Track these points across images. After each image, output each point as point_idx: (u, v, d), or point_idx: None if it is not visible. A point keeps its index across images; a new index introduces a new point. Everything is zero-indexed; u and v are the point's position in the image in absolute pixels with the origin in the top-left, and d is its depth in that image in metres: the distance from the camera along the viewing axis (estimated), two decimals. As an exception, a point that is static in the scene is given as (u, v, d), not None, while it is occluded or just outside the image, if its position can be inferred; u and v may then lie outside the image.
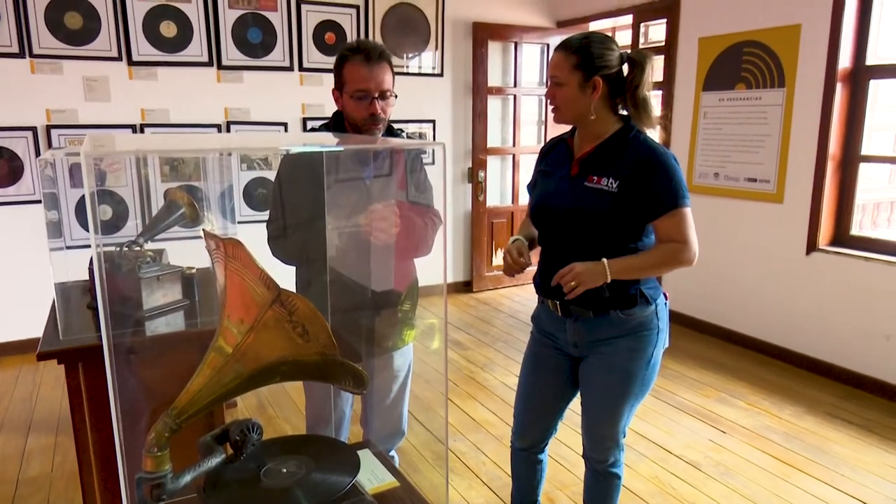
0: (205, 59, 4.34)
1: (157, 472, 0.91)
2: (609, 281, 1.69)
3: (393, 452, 2.26)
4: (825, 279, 3.75)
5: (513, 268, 1.82)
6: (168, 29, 4.21)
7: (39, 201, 3.92)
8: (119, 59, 4.11)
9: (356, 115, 1.83)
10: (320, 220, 1.71)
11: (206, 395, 0.95)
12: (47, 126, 4.00)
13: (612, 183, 1.70)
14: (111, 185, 4.06)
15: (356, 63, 1.79)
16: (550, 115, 5.48)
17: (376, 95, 1.80)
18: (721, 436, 3.08)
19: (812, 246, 3.80)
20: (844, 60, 3.59)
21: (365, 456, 1.33)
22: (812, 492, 2.62)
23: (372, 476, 1.28)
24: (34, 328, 2.15)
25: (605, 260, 1.69)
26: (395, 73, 1.87)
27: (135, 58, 4.14)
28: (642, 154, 1.70)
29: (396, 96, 1.87)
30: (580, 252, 1.73)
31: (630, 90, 1.73)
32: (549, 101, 1.78)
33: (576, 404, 2.02)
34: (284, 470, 1.06)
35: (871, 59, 3.59)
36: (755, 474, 2.75)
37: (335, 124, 1.95)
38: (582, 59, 1.67)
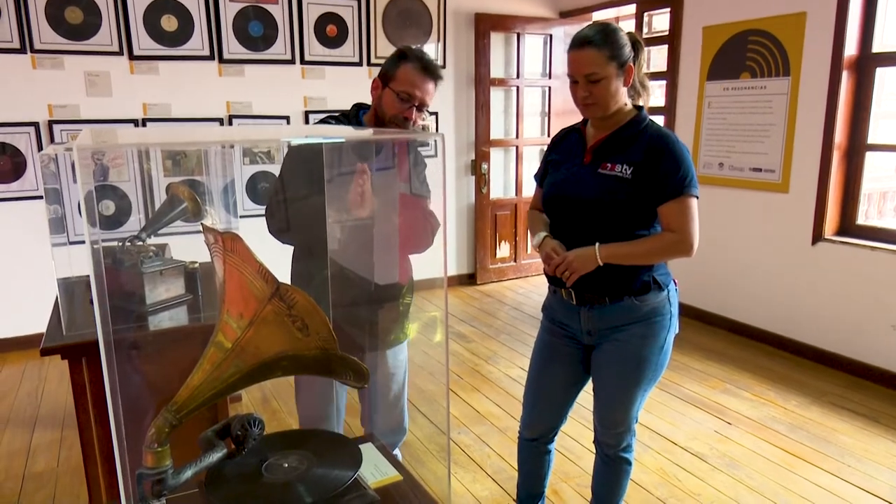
0: (206, 52, 4.32)
1: (158, 467, 0.90)
2: (601, 265, 1.71)
3: (396, 451, 2.25)
4: (831, 269, 3.72)
5: (560, 268, 1.75)
6: (169, 23, 4.19)
7: (42, 197, 3.92)
8: (120, 53, 4.10)
9: (390, 110, 1.88)
10: (320, 211, 1.70)
11: (206, 390, 0.94)
12: (49, 121, 4.00)
13: (626, 169, 1.70)
14: (114, 179, 4.06)
15: (414, 68, 1.86)
16: (555, 107, 5.38)
17: (417, 104, 1.87)
18: (726, 427, 3.07)
19: (818, 236, 3.78)
20: (850, 48, 3.56)
21: (367, 450, 1.33)
22: (818, 482, 2.61)
23: (375, 470, 1.27)
24: (39, 323, 2.16)
25: (596, 244, 1.71)
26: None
27: (136, 52, 4.13)
28: (655, 140, 1.71)
29: (431, 114, 1.92)
30: (593, 239, 1.73)
31: (636, 71, 1.76)
32: (580, 100, 1.72)
33: (582, 395, 2.02)
34: (286, 465, 1.06)
35: (878, 47, 3.55)
36: (761, 465, 2.74)
37: (355, 112, 2.00)
38: (613, 49, 1.67)
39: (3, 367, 3.90)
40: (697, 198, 1.73)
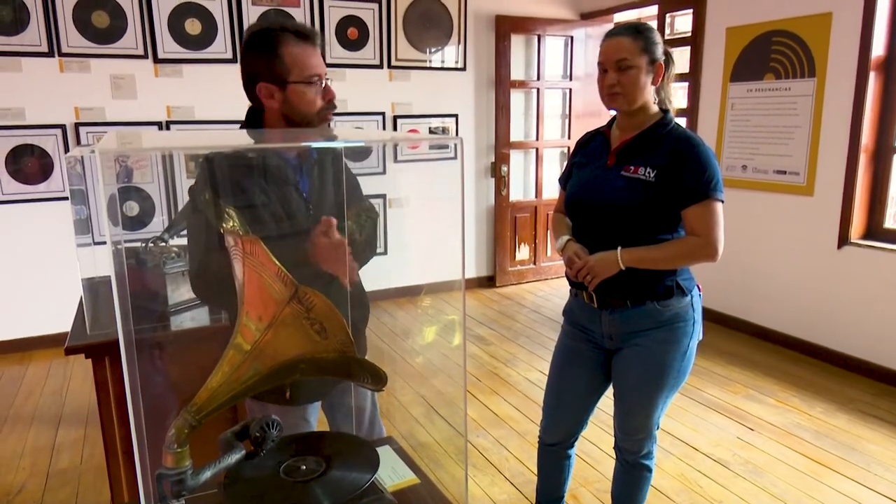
0: (229, 55, 4.37)
1: (178, 468, 0.91)
2: (623, 269, 1.70)
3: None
4: (857, 273, 3.66)
5: (582, 272, 1.74)
6: (193, 26, 4.24)
7: (68, 198, 3.99)
8: (145, 56, 4.16)
9: (310, 106, 1.49)
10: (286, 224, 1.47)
11: (225, 392, 0.95)
12: (76, 124, 4.06)
13: (649, 172, 1.69)
14: (138, 181, 4.12)
15: (296, 44, 1.46)
16: (576, 109, 5.34)
17: (327, 78, 1.51)
18: (749, 433, 3.03)
19: (844, 239, 3.71)
20: (878, 48, 3.49)
21: (385, 453, 1.33)
22: (843, 491, 2.56)
23: (392, 473, 1.27)
24: (65, 323, 2.19)
25: (618, 249, 1.70)
26: None
27: (160, 55, 4.19)
28: (679, 143, 1.70)
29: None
30: (615, 242, 1.72)
31: (665, 83, 1.76)
32: (607, 89, 1.71)
33: (603, 400, 2.00)
34: (304, 467, 1.06)
35: (907, 47, 3.49)
36: (784, 473, 2.69)
37: (254, 126, 1.57)
38: (647, 43, 1.67)
39: (29, 365, 3.97)
40: (723, 202, 1.70)
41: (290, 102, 1.48)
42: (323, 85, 1.49)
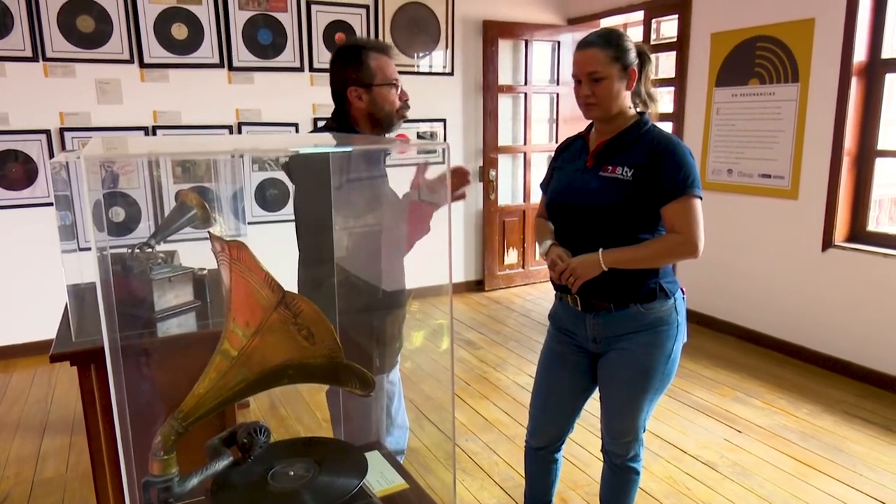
0: (216, 60, 4.35)
1: (164, 475, 0.91)
2: (605, 270, 1.71)
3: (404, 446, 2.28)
4: (842, 276, 3.70)
5: (564, 274, 1.76)
6: (179, 31, 4.23)
7: (53, 204, 3.95)
8: (131, 61, 4.14)
9: (391, 105, 1.91)
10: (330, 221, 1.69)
11: (212, 398, 0.95)
12: (61, 129, 4.03)
13: (626, 171, 1.71)
14: (124, 186, 4.09)
15: (380, 55, 1.88)
16: (563, 114, 5.37)
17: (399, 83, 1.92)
18: (737, 435, 3.05)
19: (828, 242, 3.75)
20: (860, 54, 3.54)
21: (374, 458, 1.33)
22: (830, 492, 2.58)
23: (381, 478, 1.27)
24: (49, 329, 2.17)
25: (600, 250, 1.71)
26: None
27: (146, 60, 4.17)
28: (656, 143, 1.72)
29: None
30: (596, 244, 1.73)
31: (643, 82, 1.78)
32: (582, 100, 1.74)
33: (590, 403, 2.01)
34: (292, 473, 1.05)
35: (887, 53, 3.53)
36: (771, 474, 2.71)
37: (341, 124, 1.95)
38: (617, 52, 1.69)
39: (13, 372, 3.93)
40: (700, 198, 1.72)
41: (376, 102, 1.88)
42: (398, 86, 1.89)
